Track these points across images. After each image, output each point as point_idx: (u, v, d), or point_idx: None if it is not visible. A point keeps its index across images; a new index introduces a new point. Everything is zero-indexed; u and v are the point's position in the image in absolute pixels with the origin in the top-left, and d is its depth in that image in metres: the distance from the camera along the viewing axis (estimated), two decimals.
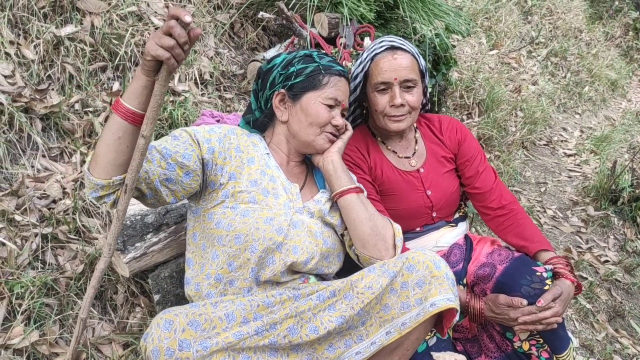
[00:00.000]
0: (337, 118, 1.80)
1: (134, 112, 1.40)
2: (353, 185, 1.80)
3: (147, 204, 1.65)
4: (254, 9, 3.56)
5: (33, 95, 2.41)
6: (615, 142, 5.57)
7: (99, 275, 1.59)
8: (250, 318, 1.54)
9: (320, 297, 1.62)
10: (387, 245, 1.75)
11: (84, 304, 1.61)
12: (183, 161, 1.61)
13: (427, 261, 1.60)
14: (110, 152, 1.44)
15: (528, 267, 1.88)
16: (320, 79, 1.79)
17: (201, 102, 2.96)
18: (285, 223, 1.70)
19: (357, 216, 1.76)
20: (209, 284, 1.71)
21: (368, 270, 1.65)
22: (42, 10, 2.64)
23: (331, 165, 1.82)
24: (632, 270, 3.56)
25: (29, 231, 2.10)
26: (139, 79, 1.39)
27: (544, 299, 1.76)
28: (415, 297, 1.58)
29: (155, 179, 1.55)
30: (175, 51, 1.28)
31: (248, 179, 1.74)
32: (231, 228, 1.66)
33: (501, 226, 2.10)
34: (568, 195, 4.44)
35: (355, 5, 3.18)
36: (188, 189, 1.66)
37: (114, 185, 1.47)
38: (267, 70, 1.86)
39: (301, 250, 1.71)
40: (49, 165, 2.36)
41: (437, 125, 2.22)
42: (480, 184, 2.13)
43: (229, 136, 1.79)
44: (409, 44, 2.04)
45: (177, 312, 1.44)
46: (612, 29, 9.13)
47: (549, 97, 5.88)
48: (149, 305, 2.18)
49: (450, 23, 3.50)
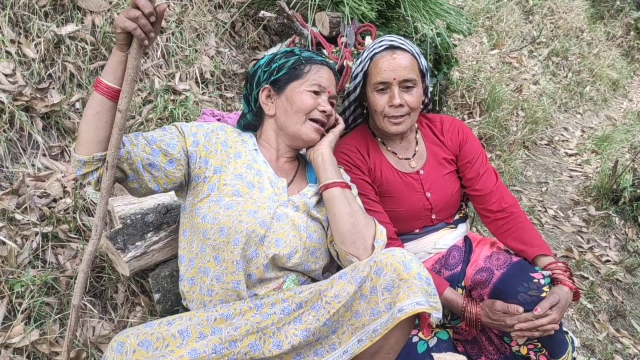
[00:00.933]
0: (324, 104, 1.82)
1: (111, 87, 1.48)
2: (339, 180, 1.79)
3: (130, 189, 1.68)
4: (255, 7, 3.56)
5: (34, 94, 2.41)
6: (617, 142, 5.56)
7: (88, 258, 1.60)
8: (207, 332, 1.51)
9: (285, 310, 1.58)
10: (365, 244, 1.71)
11: (76, 290, 1.61)
12: (167, 149, 1.67)
13: (395, 263, 1.54)
14: (90, 129, 1.50)
15: (525, 273, 1.86)
16: (302, 68, 1.83)
17: (202, 101, 2.96)
18: (268, 216, 1.70)
19: (339, 210, 1.74)
20: (200, 277, 1.72)
21: (339, 276, 1.61)
22: (43, 9, 2.64)
23: (320, 158, 1.83)
24: (633, 270, 3.55)
25: (30, 230, 2.10)
26: (114, 55, 1.47)
27: (541, 307, 1.74)
28: (384, 302, 1.54)
29: (137, 160, 1.60)
30: (140, 21, 1.36)
31: (233, 172, 1.75)
32: (215, 221, 1.66)
33: (501, 229, 2.08)
34: (569, 195, 4.43)
35: (356, 4, 3.18)
36: (171, 177, 1.69)
37: (95, 161, 1.52)
38: (253, 72, 1.92)
39: (284, 243, 1.71)
40: (50, 164, 2.36)
41: (439, 126, 2.21)
42: (481, 186, 2.11)
43: (216, 132, 1.83)
44: (410, 43, 2.03)
45: (128, 334, 1.44)
46: (614, 29, 9.11)
47: (550, 97, 5.87)
48: (149, 305, 2.17)
49: (451, 22, 3.50)
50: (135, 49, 1.43)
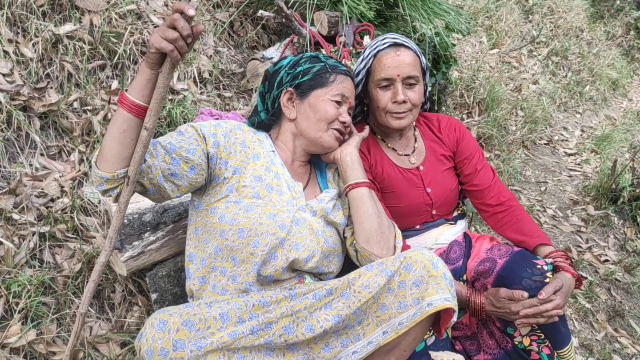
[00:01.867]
0: (345, 115, 1.84)
1: (138, 105, 1.45)
2: (367, 180, 1.83)
3: (152, 199, 1.68)
4: (253, 7, 3.56)
5: (31, 94, 2.41)
6: (616, 141, 5.56)
7: (100, 269, 1.60)
8: (246, 318, 1.53)
9: (317, 295, 1.62)
10: (389, 244, 1.77)
11: (84, 298, 1.61)
12: (188, 155, 1.64)
13: (424, 260, 1.59)
14: (115, 146, 1.48)
15: (528, 260, 1.88)
16: (327, 77, 1.83)
17: (200, 101, 2.95)
18: (288, 220, 1.71)
19: (367, 210, 1.77)
20: (214, 276, 1.72)
21: (366, 268, 1.65)
22: (41, 9, 2.64)
23: (349, 157, 1.84)
24: (632, 270, 3.55)
25: (27, 230, 2.10)
26: (143, 72, 1.43)
27: (545, 291, 1.76)
28: (412, 296, 1.58)
29: (158, 174, 1.58)
30: (178, 44, 1.33)
31: (252, 174, 1.75)
32: (235, 222, 1.66)
33: (500, 222, 2.10)
34: (568, 195, 4.43)
35: (354, 3, 3.17)
36: (194, 183, 1.69)
37: (118, 179, 1.51)
38: (274, 72, 1.90)
39: (303, 247, 1.72)
40: (47, 163, 2.36)
41: (436, 124, 2.24)
42: (479, 181, 2.14)
43: (235, 131, 1.81)
44: (411, 41, 2.05)
45: (171, 312, 1.43)
46: (614, 29, 9.11)
47: (549, 97, 5.87)
48: (146, 304, 2.17)
49: (450, 22, 3.49)
50: (168, 68, 1.39)
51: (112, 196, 1.55)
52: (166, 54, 1.35)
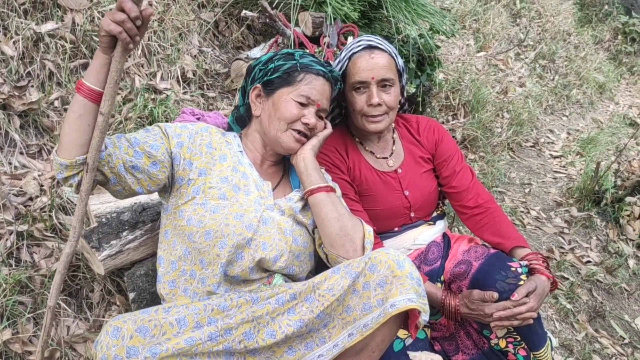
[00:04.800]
0: (309, 116, 1.78)
1: (93, 90, 1.46)
2: (323, 184, 1.79)
3: (113, 192, 1.67)
4: (238, 7, 3.56)
5: (12, 92, 2.40)
6: (602, 144, 5.61)
7: (65, 260, 1.59)
8: (204, 323, 1.50)
9: (280, 300, 1.58)
10: (355, 246, 1.72)
11: (52, 291, 1.60)
12: (150, 150, 1.65)
13: (389, 261, 1.56)
14: (73, 132, 1.49)
15: (503, 262, 1.88)
16: (295, 75, 1.79)
17: (183, 101, 2.95)
18: (255, 219, 1.69)
19: (326, 215, 1.74)
20: (185, 279, 1.71)
21: (332, 271, 1.62)
22: (22, 7, 2.62)
23: (302, 163, 1.80)
24: (613, 271, 3.57)
25: (4, 228, 2.08)
26: (97, 57, 1.45)
27: (518, 293, 1.76)
28: (376, 297, 1.55)
29: (118, 163, 1.58)
30: (126, 25, 1.34)
31: (219, 175, 1.74)
32: (201, 224, 1.65)
33: (478, 224, 2.10)
34: (552, 197, 4.46)
35: (339, 4, 3.19)
36: (155, 179, 1.68)
37: (77, 165, 1.51)
38: (252, 67, 1.89)
39: (270, 246, 1.71)
40: (27, 162, 2.34)
41: (415, 126, 2.23)
42: (457, 183, 2.13)
43: (201, 133, 1.80)
44: (387, 43, 2.04)
45: (125, 319, 1.42)
46: (601, 33, 9.18)
47: (536, 99, 5.90)
48: (125, 304, 2.16)
49: (434, 23, 3.51)
50: (119, 52, 1.40)
51: (72, 185, 1.55)
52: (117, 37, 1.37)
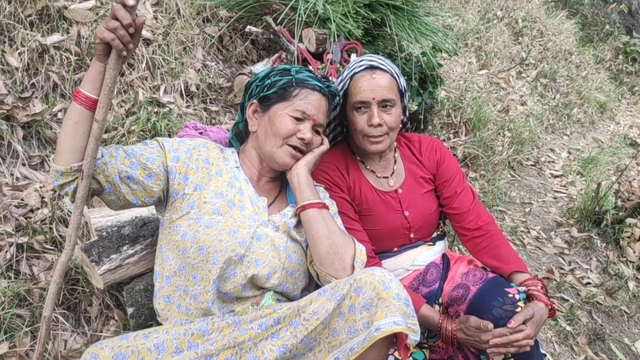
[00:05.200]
0: (305, 131, 1.77)
1: (88, 97, 1.49)
2: (315, 200, 1.77)
3: (108, 201, 1.67)
4: (243, 22, 3.58)
5: (16, 103, 2.40)
6: (602, 164, 5.61)
7: (61, 269, 1.59)
8: (184, 347, 1.49)
9: (263, 325, 1.56)
10: (344, 264, 1.68)
11: (47, 300, 1.59)
12: (146, 162, 1.66)
13: (374, 282, 1.51)
14: (68, 138, 1.51)
15: (500, 288, 1.87)
16: (290, 90, 1.79)
17: (186, 114, 2.96)
18: (248, 235, 1.69)
19: (316, 232, 1.72)
20: (179, 295, 1.70)
21: (318, 293, 1.58)
22: (28, 18, 2.64)
23: (296, 179, 1.80)
24: (613, 293, 3.56)
25: (4, 240, 2.08)
26: (93, 65, 1.48)
27: (515, 320, 1.75)
28: (362, 320, 1.51)
29: (113, 172, 1.60)
30: (119, 33, 1.37)
31: (214, 190, 1.74)
32: (195, 240, 1.65)
33: (477, 247, 2.09)
34: (552, 216, 4.45)
35: (343, 22, 3.20)
36: (149, 191, 1.68)
37: (72, 172, 1.52)
38: (250, 83, 1.90)
39: (263, 263, 1.69)
40: (29, 173, 2.34)
41: (417, 145, 2.22)
42: (458, 205, 2.12)
43: (198, 148, 1.80)
44: (390, 63, 2.04)
45: (103, 346, 1.41)
46: (603, 52, 9.25)
47: (537, 118, 5.92)
48: (123, 319, 2.15)
49: (437, 42, 3.53)
50: (113, 59, 1.43)
51: (68, 193, 1.56)
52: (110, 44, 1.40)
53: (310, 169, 1.84)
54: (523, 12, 7.63)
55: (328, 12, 3.23)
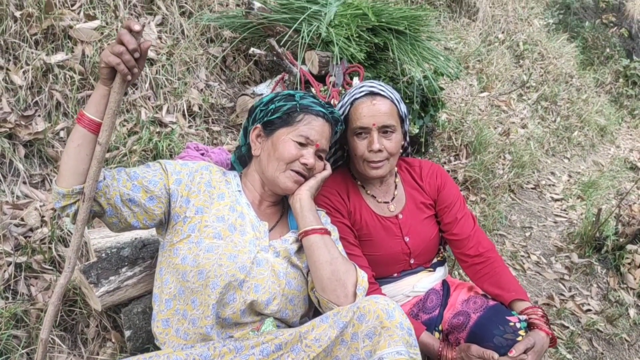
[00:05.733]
0: (308, 157, 1.78)
1: (92, 120, 1.50)
2: (318, 226, 1.77)
3: (109, 224, 1.67)
4: (246, 43, 3.60)
5: (18, 121, 2.41)
6: (602, 188, 5.61)
7: (59, 291, 1.58)
8: None
9: (264, 351, 1.55)
10: (346, 291, 1.69)
11: (45, 323, 1.58)
12: (148, 185, 1.66)
13: (378, 310, 1.51)
14: (71, 160, 1.51)
15: (501, 316, 1.87)
16: (294, 116, 1.80)
17: (188, 134, 2.96)
18: (248, 261, 1.68)
19: (318, 258, 1.72)
20: (177, 319, 1.69)
21: (320, 319, 1.58)
22: (33, 37, 2.66)
23: (298, 204, 1.80)
24: (614, 321, 3.53)
25: (3, 259, 2.07)
26: (97, 89, 1.49)
27: (516, 349, 1.74)
28: (365, 349, 1.50)
29: (115, 194, 1.60)
30: (124, 57, 1.38)
31: (215, 214, 1.74)
32: (195, 263, 1.64)
33: (478, 274, 2.08)
34: (553, 241, 4.44)
35: (346, 45, 3.23)
36: (150, 214, 1.68)
37: (74, 194, 1.52)
38: (254, 107, 1.91)
39: (263, 289, 1.69)
40: (30, 192, 2.34)
41: (418, 170, 2.23)
42: (458, 231, 2.12)
43: (201, 171, 1.81)
44: (390, 89, 2.05)
45: None
46: (603, 76, 9.29)
47: (538, 141, 5.93)
48: (120, 341, 2.13)
49: (439, 66, 3.55)
50: (118, 83, 1.44)
51: (69, 215, 1.56)
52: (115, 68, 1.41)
53: (312, 194, 1.85)
54: (524, 35, 7.68)
55: (331, 36, 3.25)
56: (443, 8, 6.35)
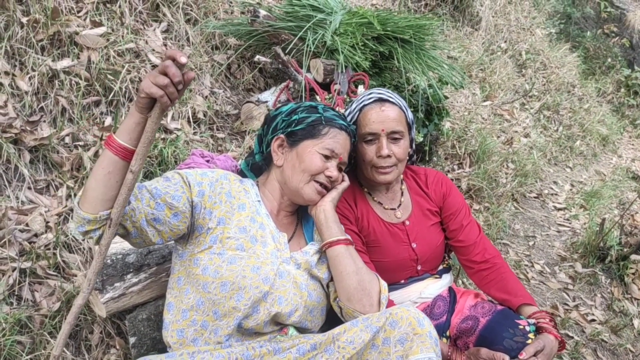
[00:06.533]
0: (332, 169, 1.80)
1: (125, 148, 1.44)
2: (343, 237, 1.79)
3: (133, 243, 1.65)
4: (251, 51, 3.61)
5: (24, 127, 2.41)
6: (605, 197, 5.60)
7: (76, 311, 1.57)
8: None
9: (300, 350, 1.58)
10: (372, 301, 1.72)
11: (58, 340, 1.57)
12: (172, 202, 1.63)
13: (410, 318, 1.55)
14: (100, 187, 1.46)
15: (511, 320, 1.87)
16: (320, 129, 1.81)
17: (193, 141, 2.96)
18: (272, 272, 1.68)
19: (345, 269, 1.74)
20: (195, 330, 1.68)
21: (351, 323, 1.61)
22: (40, 43, 2.67)
23: (323, 215, 1.81)
24: (618, 331, 3.52)
25: (7, 265, 2.06)
26: (133, 116, 1.43)
27: (526, 352, 1.74)
28: (396, 354, 1.53)
29: (141, 217, 1.57)
30: (168, 90, 1.33)
31: (237, 225, 1.73)
32: (217, 275, 1.64)
33: (484, 280, 2.08)
34: (556, 251, 4.43)
35: (351, 53, 3.23)
36: (175, 230, 1.66)
37: (101, 220, 1.48)
38: (273, 117, 1.91)
39: (286, 301, 1.70)
40: (34, 197, 2.34)
41: (423, 178, 2.24)
42: (464, 238, 2.13)
43: (221, 181, 1.79)
44: (397, 96, 2.07)
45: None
46: (605, 85, 9.31)
47: (540, 150, 5.93)
48: (124, 347, 2.13)
49: (443, 75, 3.55)
50: (157, 113, 1.39)
51: (93, 238, 1.52)
52: (156, 99, 1.36)
53: (334, 205, 1.86)
54: (527, 45, 7.69)
55: (336, 44, 3.26)
56: (446, 17, 6.36)
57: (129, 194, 1.46)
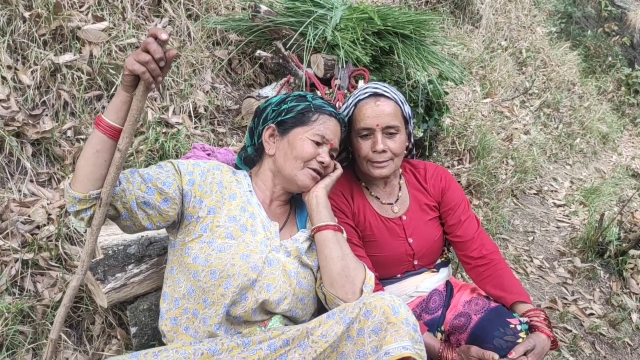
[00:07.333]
0: (324, 155, 1.82)
1: (112, 126, 1.49)
2: (332, 223, 1.80)
3: (123, 227, 1.68)
4: (252, 46, 3.63)
5: (26, 120, 2.42)
6: (605, 194, 5.61)
7: (71, 293, 1.59)
8: None
9: (272, 346, 1.55)
10: (354, 288, 1.71)
11: (55, 324, 1.60)
12: (163, 187, 1.66)
13: (384, 306, 1.53)
14: (89, 166, 1.50)
15: (502, 318, 1.86)
16: (309, 116, 1.84)
17: (194, 135, 2.98)
18: (260, 260, 1.70)
19: (330, 253, 1.74)
20: (187, 318, 1.70)
21: (327, 316, 1.59)
22: (42, 38, 2.68)
23: (315, 200, 1.83)
24: (616, 325, 3.53)
25: (10, 256, 2.08)
26: (119, 95, 1.48)
27: (516, 351, 1.74)
28: (371, 344, 1.52)
29: (131, 199, 1.60)
30: (150, 66, 1.37)
31: (227, 214, 1.75)
32: (207, 263, 1.65)
33: (481, 276, 2.08)
34: (555, 246, 4.44)
35: (351, 48, 3.25)
36: (165, 215, 1.69)
37: (90, 199, 1.52)
38: (263, 108, 1.93)
39: (274, 288, 1.70)
40: (36, 190, 2.36)
41: (422, 172, 2.24)
42: (462, 233, 2.12)
43: (212, 171, 1.82)
44: (394, 90, 2.07)
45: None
46: (605, 84, 9.31)
47: (540, 147, 5.94)
48: (125, 338, 2.14)
49: (444, 70, 3.57)
50: (141, 91, 1.43)
51: (84, 219, 1.55)
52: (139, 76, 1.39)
53: (327, 192, 1.88)
54: (527, 43, 7.70)
55: (337, 39, 3.27)
56: (447, 14, 6.38)
57: (117, 173, 1.49)
